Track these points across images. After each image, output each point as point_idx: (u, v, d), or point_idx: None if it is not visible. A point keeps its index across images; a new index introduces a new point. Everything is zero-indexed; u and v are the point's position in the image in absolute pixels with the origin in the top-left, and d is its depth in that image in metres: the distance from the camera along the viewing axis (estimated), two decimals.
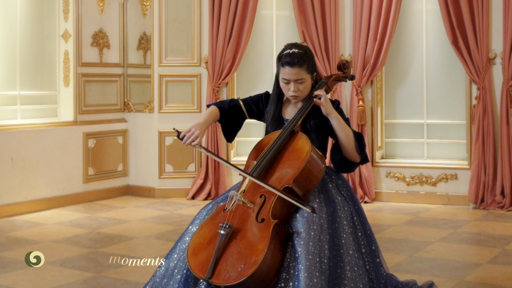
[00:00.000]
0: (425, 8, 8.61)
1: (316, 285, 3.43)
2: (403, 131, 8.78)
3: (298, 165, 3.68)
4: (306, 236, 3.54)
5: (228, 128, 4.22)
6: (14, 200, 7.84)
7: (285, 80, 3.94)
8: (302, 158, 3.70)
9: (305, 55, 3.92)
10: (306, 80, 3.94)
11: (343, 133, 3.87)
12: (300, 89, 3.94)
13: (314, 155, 3.74)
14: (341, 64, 4.16)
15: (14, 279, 5.31)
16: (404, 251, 6.09)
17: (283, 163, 3.75)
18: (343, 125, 3.88)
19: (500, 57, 7.91)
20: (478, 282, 5.12)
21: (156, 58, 8.92)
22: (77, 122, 8.63)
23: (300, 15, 8.50)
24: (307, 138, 3.80)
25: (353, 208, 3.90)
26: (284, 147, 3.81)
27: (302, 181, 3.68)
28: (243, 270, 3.41)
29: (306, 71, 3.91)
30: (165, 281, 3.79)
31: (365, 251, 3.82)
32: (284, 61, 3.91)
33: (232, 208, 3.67)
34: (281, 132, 3.86)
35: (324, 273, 3.49)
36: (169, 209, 8.20)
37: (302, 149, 3.74)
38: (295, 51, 3.92)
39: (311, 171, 3.71)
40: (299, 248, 3.50)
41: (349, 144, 3.88)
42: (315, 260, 3.48)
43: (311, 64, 3.95)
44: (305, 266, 3.45)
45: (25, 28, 8.33)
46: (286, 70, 3.91)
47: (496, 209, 7.84)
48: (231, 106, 4.15)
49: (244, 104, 4.16)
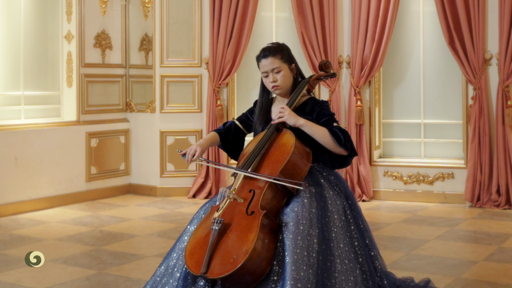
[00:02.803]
0: (422, 10, 8.63)
1: (303, 278, 3.46)
2: (401, 131, 8.81)
3: (283, 158, 3.78)
4: (295, 230, 3.59)
5: (231, 149, 4.35)
6: (18, 198, 7.86)
7: (264, 74, 4.11)
8: (287, 151, 3.81)
9: (278, 47, 4.12)
10: (282, 69, 4.07)
11: (318, 135, 3.92)
12: (279, 78, 4.07)
13: (299, 148, 3.86)
14: (322, 64, 4.25)
15: (18, 276, 5.32)
16: (401, 248, 6.10)
17: (270, 158, 3.86)
18: (314, 128, 3.93)
19: (496, 58, 7.93)
20: (474, 279, 5.14)
21: (158, 59, 8.95)
22: (80, 122, 8.65)
23: (299, 16, 8.52)
24: (292, 133, 3.90)
25: (345, 203, 3.94)
26: (271, 144, 3.92)
27: (289, 173, 3.77)
28: (235, 260, 3.46)
29: (280, 60, 4.07)
30: (165, 280, 3.84)
31: (357, 244, 3.85)
32: (260, 56, 4.13)
33: (224, 206, 3.75)
34: (266, 130, 3.98)
35: (312, 267, 3.53)
36: (170, 208, 8.22)
37: (287, 143, 3.85)
38: (268, 45, 4.17)
39: (296, 163, 3.82)
40: (287, 242, 3.55)
41: (328, 143, 3.91)
42: (302, 254, 3.52)
43: (285, 54, 4.11)
44: (292, 260, 3.49)
45: (29, 30, 8.35)
46: (262, 63, 4.11)
47: (492, 207, 7.85)
48: (227, 128, 4.31)
49: (240, 122, 4.32)
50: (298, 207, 3.69)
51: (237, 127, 4.32)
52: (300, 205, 3.71)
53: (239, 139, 4.34)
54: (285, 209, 3.72)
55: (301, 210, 3.68)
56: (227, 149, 4.35)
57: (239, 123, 4.33)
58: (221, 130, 4.32)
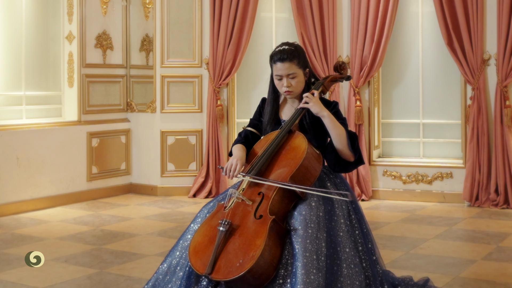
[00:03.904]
0: (421, 10, 8.64)
1: (313, 282, 3.45)
2: (400, 131, 8.81)
3: (295, 163, 3.74)
4: (304, 233, 3.57)
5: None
6: (20, 198, 7.88)
7: (278, 77, 4.02)
8: (299, 156, 3.76)
9: (295, 51, 4.01)
10: (298, 75, 4.00)
11: (335, 131, 3.89)
12: (293, 84, 4.00)
13: (311, 153, 3.80)
14: (338, 65, 4.21)
15: (20, 275, 5.33)
16: (400, 248, 6.10)
17: (281, 162, 3.81)
18: (335, 123, 3.91)
19: (494, 58, 7.94)
20: (473, 278, 5.15)
21: (158, 59, 8.96)
22: (81, 122, 8.67)
23: (299, 17, 8.54)
24: (304, 137, 3.86)
25: (350, 207, 3.92)
26: (282, 147, 3.87)
27: (299, 178, 3.74)
28: (241, 265, 3.45)
29: (297, 65, 3.99)
30: (168, 278, 3.83)
31: (361, 249, 3.83)
32: (275, 58, 4.00)
33: (231, 206, 3.72)
34: (279, 132, 3.92)
35: (321, 270, 3.51)
36: (171, 207, 8.23)
37: (299, 148, 3.80)
38: (285, 48, 4.02)
39: (308, 168, 3.78)
40: (296, 245, 3.53)
41: (341, 142, 3.89)
42: (312, 257, 3.51)
43: (302, 59, 4.02)
44: (302, 263, 3.47)
45: (30, 30, 8.36)
46: (277, 66, 4.00)
47: (490, 207, 7.87)
48: (244, 136, 4.19)
49: (253, 127, 4.22)
50: (305, 211, 3.68)
51: (253, 133, 4.21)
52: (308, 208, 3.69)
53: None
54: (292, 213, 3.70)
55: (309, 213, 3.67)
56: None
57: (253, 129, 4.23)
58: (242, 140, 4.20)
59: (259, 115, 4.25)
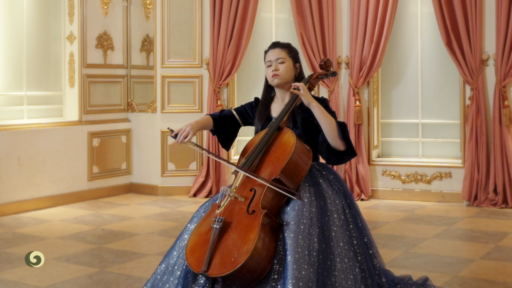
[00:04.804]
0: (420, 11, 8.66)
1: (304, 277, 3.48)
2: (399, 131, 8.83)
3: (284, 157, 3.80)
4: (296, 229, 3.61)
5: (223, 136, 4.35)
6: (21, 197, 7.90)
7: (268, 63, 4.14)
8: (288, 150, 3.82)
9: (287, 44, 4.21)
10: (286, 61, 4.11)
11: (325, 120, 3.94)
12: (280, 68, 4.09)
13: (300, 147, 3.88)
14: (323, 63, 4.27)
15: (21, 274, 5.34)
16: (399, 247, 6.12)
17: (270, 157, 3.88)
18: (325, 113, 3.96)
19: (493, 59, 7.97)
20: (472, 277, 5.16)
21: (159, 59, 8.98)
22: (82, 122, 8.69)
23: (298, 17, 8.56)
24: (293, 132, 3.93)
25: (344, 202, 3.95)
26: (272, 143, 3.94)
27: (290, 172, 3.80)
28: (236, 259, 3.49)
29: (287, 54, 4.13)
30: (166, 278, 3.86)
31: (356, 242, 3.86)
32: (267, 48, 4.20)
33: (225, 204, 3.78)
34: (268, 129, 3.98)
35: (312, 266, 3.54)
36: (171, 206, 8.25)
37: (288, 143, 3.87)
38: (279, 41, 4.24)
39: (297, 162, 3.84)
40: (288, 241, 3.57)
41: (332, 131, 3.93)
42: (304, 253, 3.54)
43: (293, 53, 4.17)
44: (294, 259, 3.51)
45: (31, 31, 8.38)
46: (268, 53, 4.16)
47: (489, 206, 7.89)
48: (223, 115, 4.30)
49: (237, 113, 4.31)
50: (298, 206, 3.72)
51: (234, 117, 4.31)
52: (301, 204, 3.73)
53: (233, 129, 4.35)
54: (285, 208, 3.75)
55: (301, 209, 3.71)
56: (219, 135, 4.34)
57: (236, 114, 4.32)
58: (217, 116, 4.30)
59: (249, 107, 4.32)
